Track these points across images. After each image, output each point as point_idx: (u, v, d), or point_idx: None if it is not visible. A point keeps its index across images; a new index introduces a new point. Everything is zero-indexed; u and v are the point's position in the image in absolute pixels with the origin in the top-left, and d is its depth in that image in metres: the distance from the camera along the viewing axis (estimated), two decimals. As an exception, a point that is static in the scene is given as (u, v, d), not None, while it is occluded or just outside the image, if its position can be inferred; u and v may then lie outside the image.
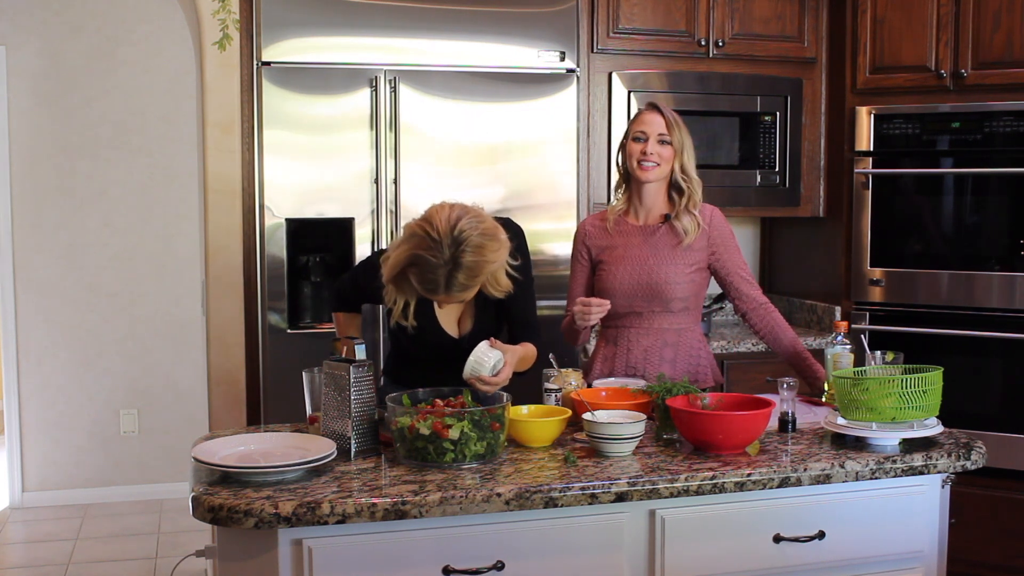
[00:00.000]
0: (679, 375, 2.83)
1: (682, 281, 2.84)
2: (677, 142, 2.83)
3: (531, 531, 2.07)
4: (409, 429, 2.15)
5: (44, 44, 5.12)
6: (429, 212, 2.39)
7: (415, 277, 2.37)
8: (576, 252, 2.99)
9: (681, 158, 2.84)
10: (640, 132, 2.84)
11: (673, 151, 2.83)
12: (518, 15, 3.63)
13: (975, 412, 3.79)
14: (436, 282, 2.35)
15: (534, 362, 2.66)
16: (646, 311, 2.86)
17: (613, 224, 2.92)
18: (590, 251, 2.95)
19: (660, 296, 2.83)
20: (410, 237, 2.36)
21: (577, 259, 2.99)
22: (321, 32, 3.46)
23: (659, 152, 2.82)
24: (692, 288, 2.86)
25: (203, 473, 2.09)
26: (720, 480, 2.13)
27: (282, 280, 3.47)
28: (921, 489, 2.33)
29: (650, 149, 2.81)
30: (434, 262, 2.32)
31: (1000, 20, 3.72)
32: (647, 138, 2.82)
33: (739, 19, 4.03)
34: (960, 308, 3.81)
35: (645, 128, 2.83)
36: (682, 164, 2.84)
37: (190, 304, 5.28)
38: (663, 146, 2.82)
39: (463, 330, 2.65)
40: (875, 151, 3.93)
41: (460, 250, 2.32)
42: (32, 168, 5.15)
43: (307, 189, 3.47)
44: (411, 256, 2.35)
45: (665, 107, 2.89)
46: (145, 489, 5.31)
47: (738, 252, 2.93)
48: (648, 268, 2.84)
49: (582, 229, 2.99)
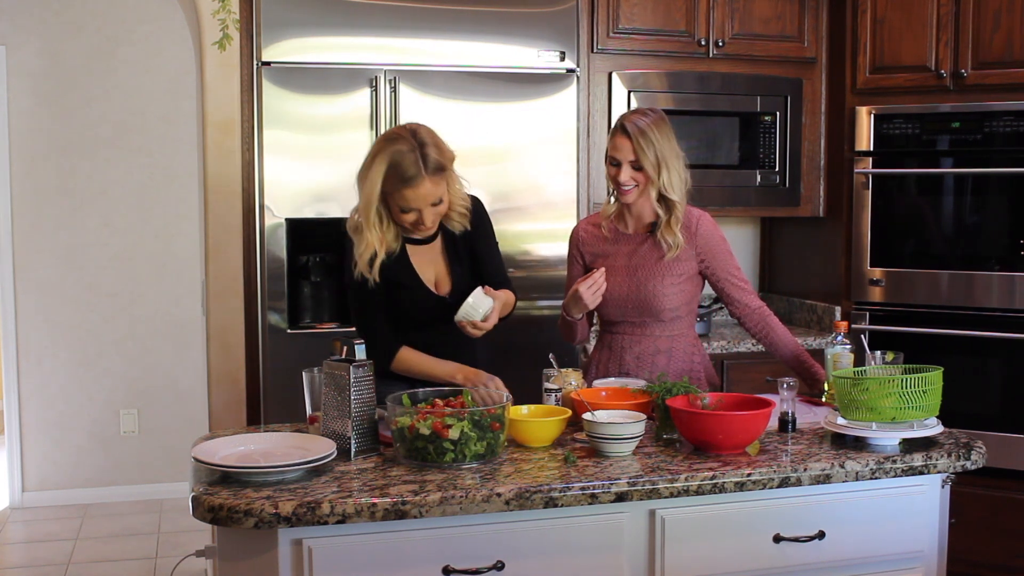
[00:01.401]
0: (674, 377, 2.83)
1: (670, 292, 2.81)
2: (651, 164, 2.71)
3: (531, 531, 2.07)
4: (409, 429, 2.15)
5: (44, 44, 5.12)
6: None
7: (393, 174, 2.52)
8: (571, 255, 2.99)
9: (659, 181, 2.73)
10: (613, 158, 2.78)
11: (646, 176, 2.74)
12: (518, 15, 3.63)
13: (975, 412, 3.79)
14: (414, 165, 2.51)
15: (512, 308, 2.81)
16: (637, 320, 2.86)
17: (607, 230, 2.90)
18: (583, 256, 2.95)
19: (649, 307, 2.82)
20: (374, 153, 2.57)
21: (572, 262, 2.99)
22: (321, 32, 3.46)
23: (634, 177, 2.75)
24: (683, 297, 2.84)
25: (203, 473, 2.09)
26: (720, 480, 2.13)
27: (282, 280, 3.47)
28: (921, 489, 2.33)
29: (623, 178, 2.75)
30: (404, 148, 2.52)
31: (1000, 20, 3.72)
32: (620, 164, 2.76)
33: (739, 19, 4.03)
34: (960, 308, 3.81)
35: (617, 155, 2.76)
36: (660, 186, 2.74)
37: (190, 304, 5.28)
38: (637, 171, 2.75)
39: (442, 290, 2.73)
40: (875, 151, 3.93)
41: (417, 132, 2.58)
42: (32, 168, 5.15)
43: (307, 189, 3.47)
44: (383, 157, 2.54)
45: (636, 122, 2.74)
46: (145, 489, 5.32)
47: (729, 257, 2.87)
48: (637, 280, 2.82)
49: (576, 234, 2.98)
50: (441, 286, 2.74)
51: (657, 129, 2.73)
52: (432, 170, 2.53)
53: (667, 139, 2.75)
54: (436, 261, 2.75)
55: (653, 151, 2.72)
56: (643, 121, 2.74)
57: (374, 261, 2.61)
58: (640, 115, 2.77)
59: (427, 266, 2.73)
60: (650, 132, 2.72)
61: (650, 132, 2.72)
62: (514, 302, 2.82)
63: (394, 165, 2.52)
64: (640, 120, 2.74)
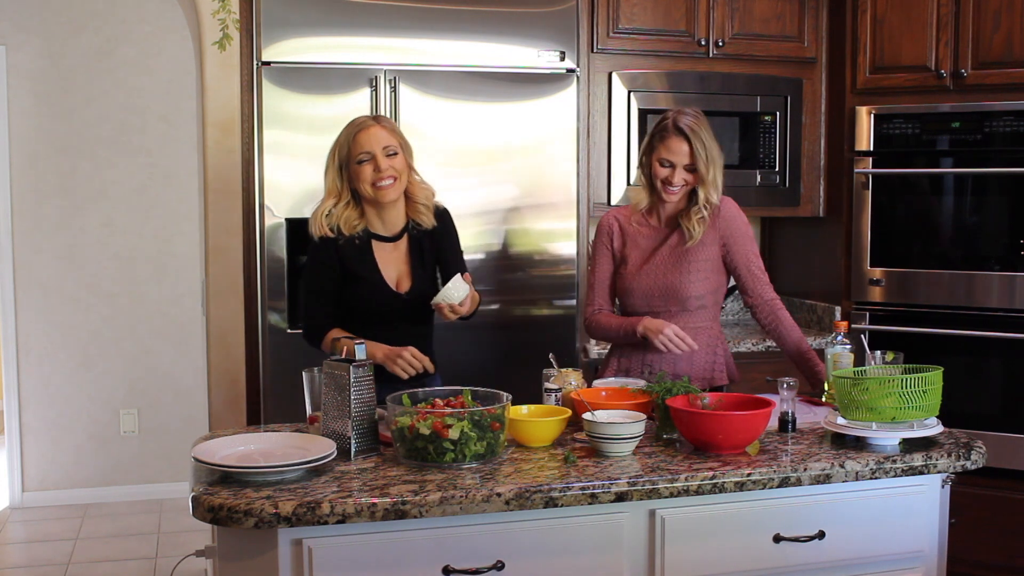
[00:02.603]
0: (696, 372, 2.86)
1: (696, 280, 2.85)
2: (704, 165, 2.78)
3: (531, 531, 2.07)
4: (409, 429, 2.15)
5: (44, 44, 5.12)
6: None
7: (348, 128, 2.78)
8: (600, 244, 2.98)
9: (707, 182, 2.80)
10: (667, 160, 2.80)
11: (697, 177, 2.81)
12: (518, 15, 3.63)
13: (975, 412, 3.79)
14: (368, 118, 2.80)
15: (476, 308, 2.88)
16: (663, 310, 2.87)
17: (635, 223, 2.93)
18: (614, 245, 2.95)
19: (675, 295, 2.84)
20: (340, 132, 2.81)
21: (602, 252, 2.98)
22: (321, 32, 3.46)
23: (685, 178, 2.81)
24: (708, 286, 2.87)
25: (203, 473, 2.09)
26: (720, 480, 2.13)
27: (282, 280, 3.47)
28: (921, 489, 2.33)
29: (676, 179, 2.80)
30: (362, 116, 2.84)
31: (1000, 20, 3.72)
32: (673, 166, 2.79)
33: (739, 19, 4.03)
34: (960, 308, 3.81)
35: (672, 158, 2.79)
36: (707, 192, 2.81)
37: (190, 304, 5.28)
38: (690, 173, 2.80)
39: (403, 289, 2.83)
40: (875, 151, 3.92)
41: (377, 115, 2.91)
42: (32, 168, 5.15)
43: (307, 189, 3.47)
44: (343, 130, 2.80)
45: (690, 123, 2.78)
46: (145, 489, 5.32)
47: (751, 244, 2.91)
48: (665, 268, 2.85)
49: (608, 224, 2.98)
50: (402, 285, 2.84)
51: (705, 128, 2.80)
52: (385, 122, 2.80)
53: (711, 137, 2.82)
54: (400, 260, 2.85)
55: (705, 151, 2.77)
56: (694, 121, 2.79)
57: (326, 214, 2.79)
58: (689, 116, 2.81)
59: (390, 264, 2.84)
60: (701, 132, 2.78)
61: (701, 132, 2.78)
62: (479, 301, 2.92)
63: (350, 123, 2.80)
64: (691, 120, 2.79)
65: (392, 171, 2.75)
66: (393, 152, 2.76)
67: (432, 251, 2.89)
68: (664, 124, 2.82)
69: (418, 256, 2.86)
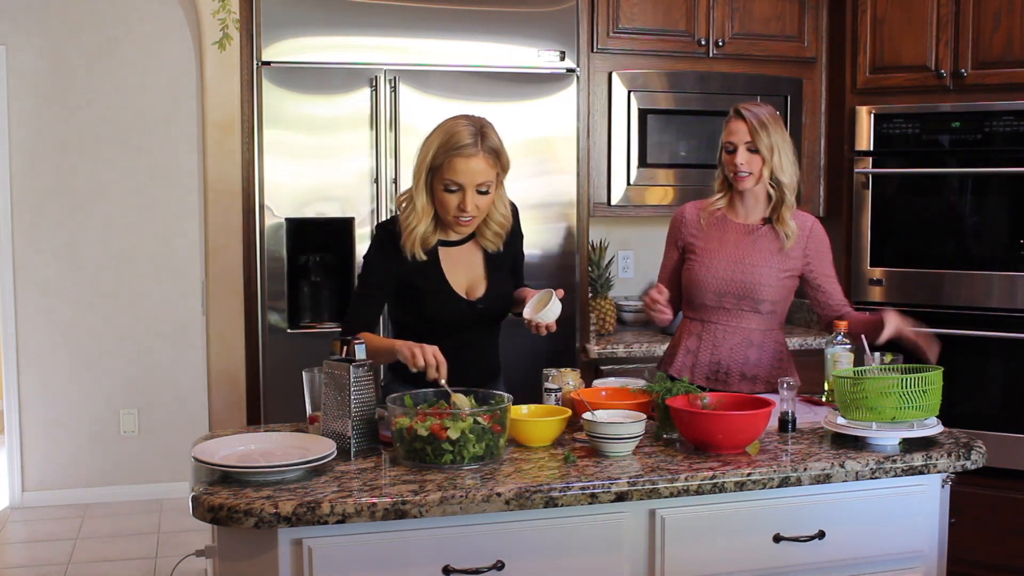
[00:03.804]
0: (764, 375, 2.85)
1: (775, 284, 2.84)
2: (765, 147, 2.78)
3: (531, 531, 2.07)
4: (407, 430, 2.15)
5: (44, 44, 5.12)
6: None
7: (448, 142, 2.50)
8: (669, 239, 3.00)
9: (771, 164, 2.80)
10: (729, 143, 2.82)
11: (761, 159, 2.80)
12: (518, 15, 3.63)
13: (975, 412, 3.78)
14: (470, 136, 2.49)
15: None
16: (734, 308, 2.85)
17: (708, 219, 2.91)
18: (684, 237, 2.94)
19: (751, 296, 2.83)
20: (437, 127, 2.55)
21: (669, 245, 3.00)
22: (321, 32, 3.46)
23: (750, 161, 2.80)
24: (782, 292, 2.87)
25: (203, 473, 2.09)
26: (720, 480, 2.13)
27: (282, 280, 3.47)
28: (921, 489, 2.33)
29: (740, 160, 2.79)
30: (464, 123, 2.53)
31: (1000, 20, 3.72)
32: (736, 148, 2.80)
33: (739, 19, 4.03)
34: (960, 308, 3.81)
35: (733, 139, 2.81)
36: (772, 170, 2.80)
37: (190, 304, 5.28)
38: (752, 155, 2.80)
39: (475, 295, 2.65)
40: (875, 151, 3.92)
41: (483, 119, 2.57)
42: (32, 168, 5.15)
43: (307, 189, 3.47)
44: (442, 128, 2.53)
45: (751, 108, 2.82)
46: (145, 489, 5.32)
47: (831, 263, 2.93)
48: (744, 267, 2.84)
49: (682, 216, 2.97)
50: (474, 291, 2.66)
51: (772, 118, 2.82)
52: (488, 149, 2.52)
53: (781, 129, 2.83)
54: (473, 264, 2.68)
55: (767, 134, 2.79)
56: (758, 109, 2.83)
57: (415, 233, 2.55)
58: (753, 105, 2.87)
59: (459, 270, 2.65)
60: (765, 119, 2.80)
61: (765, 119, 2.80)
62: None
63: (451, 134, 2.51)
64: (754, 108, 2.83)
65: (476, 210, 2.54)
66: (485, 191, 2.53)
67: (508, 253, 2.72)
68: (730, 113, 2.87)
69: (493, 259, 2.67)
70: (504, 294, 2.70)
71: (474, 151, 2.49)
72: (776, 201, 2.85)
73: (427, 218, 2.56)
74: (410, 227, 2.56)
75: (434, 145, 2.52)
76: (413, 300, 2.63)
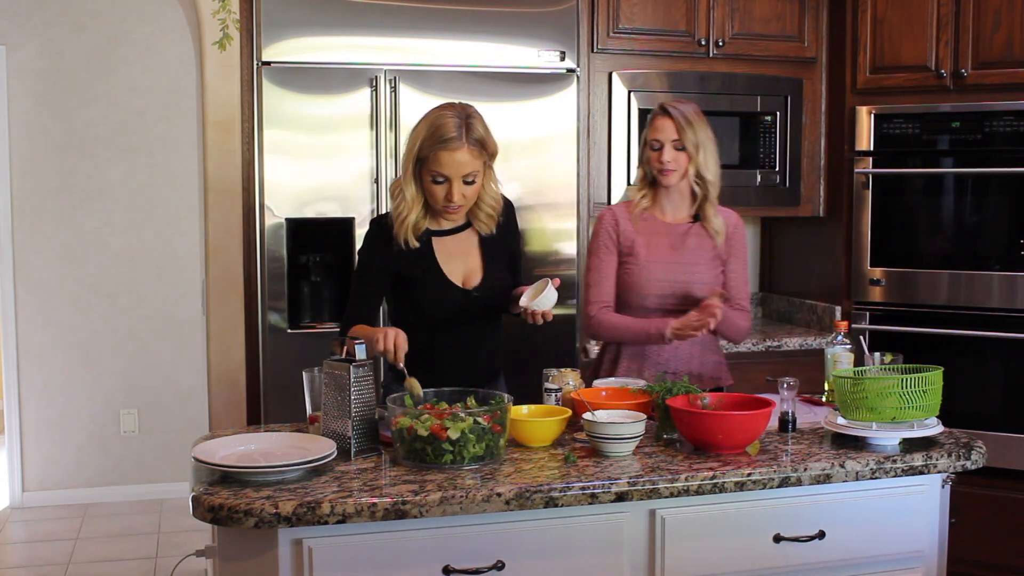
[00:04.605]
0: (710, 372, 2.88)
1: (711, 281, 2.87)
2: (691, 144, 2.81)
3: (531, 531, 2.07)
4: (408, 430, 2.15)
5: (44, 44, 5.12)
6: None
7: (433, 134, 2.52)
8: (602, 242, 2.93)
9: (696, 161, 2.83)
10: (655, 140, 2.84)
11: (687, 156, 2.82)
12: (518, 15, 3.63)
13: (975, 412, 3.78)
14: (456, 129, 2.50)
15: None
16: (676, 309, 2.85)
17: (639, 220, 2.91)
18: (619, 241, 2.91)
19: (692, 295, 2.84)
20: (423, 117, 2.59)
21: (605, 248, 2.92)
22: (321, 32, 3.46)
23: (675, 158, 2.82)
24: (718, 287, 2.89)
25: (203, 473, 2.09)
26: (720, 480, 2.13)
27: (282, 280, 3.47)
28: (921, 489, 2.33)
29: (666, 157, 2.82)
30: (449, 113, 2.54)
31: (1000, 20, 3.72)
32: (662, 146, 2.82)
33: (739, 19, 4.02)
34: (960, 308, 3.81)
35: (659, 136, 2.83)
36: (697, 167, 2.83)
37: (190, 304, 5.28)
38: (679, 152, 2.82)
39: (471, 284, 2.67)
40: (875, 151, 3.92)
41: (468, 107, 2.58)
42: (32, 168, 5.15)
43: (307, 189, 3.47)
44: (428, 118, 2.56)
45: (677, 106, 2.85)
46: (145, 489, 5.32)
47: (745, 267, 2.95)
48: (682, 267, 2.86)
49: (611, 218, 2.94)
50: (470, 280, 2.67)
51: (698, 116, 2.85)
52: (473, 141, 2.53)
53: (705, 127, 2.86)
54: (468, 254, 2.69)
55: (694, 132, 2.82)
56: (683, 107, 2.86)
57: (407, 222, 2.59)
58: (678, 102, 2.90)
59: (455, 259, 2.67)
60: (691, 117, 2.83)
61: (691, 117, 2.83)
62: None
63: (436, 126, 2.53)
64: (680, 106, 2.86)
65: (463, 199, 2.57)
66: (471, 181, 2.55)
67: (503, 244, 2.74)
68: (655, 110, 2.90)
69: (489, 248, 2.70)
70: (501, 285, 2.70)
71: (459, 144, 2.51)
72: (700, 198, 2.88)
73: (417, 206, 2.60)
74: (401, 216, 2.60)
75: (420, 136, 2.55)
76: (409, 293, 2.64)
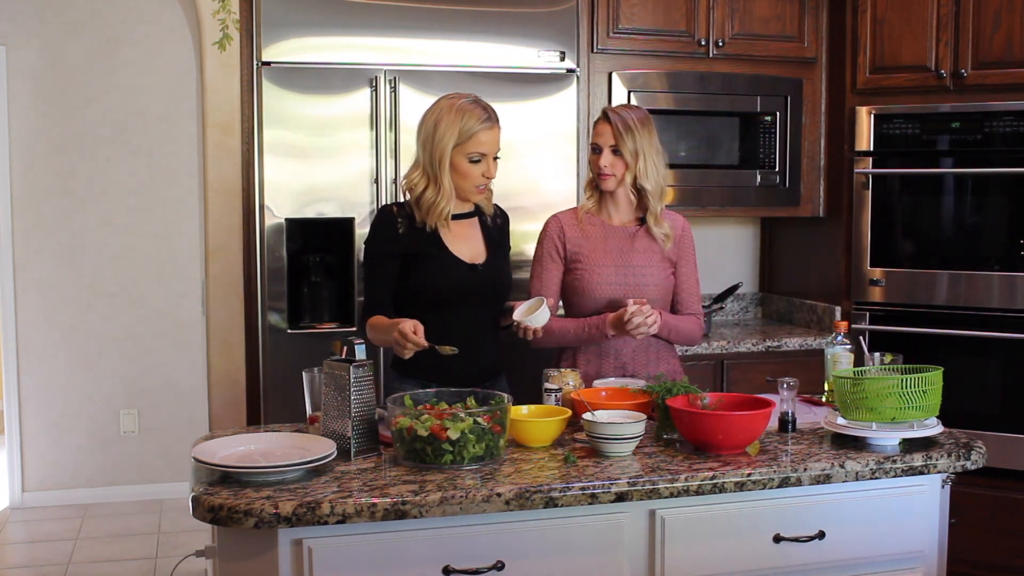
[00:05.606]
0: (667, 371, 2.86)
1: (660, 283, 2.87)
2: (629, 152, 2.79)
3: (531, 531, 2.07)
4: (407, 430, 2.15)
5: (44, 44, 5.12)
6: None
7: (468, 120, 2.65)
8: (547, 250, 2.92)
9: (634, 168, 2.80)
10: (595, 144, 2.85)
11: (624, 163, 2.81)
12: (518, 15, 3.63)
13: (975, 412, 3.79)
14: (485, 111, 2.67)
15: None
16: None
17: (586, 223, 2.90)
18: (566, 248, 2.90)
19: (643, 297, 2.81)
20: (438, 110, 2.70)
21: (549, 256, 2.91)
22: (321, 32, 3.46)
23: (613, 164, 2.81)
24: (669, 290, 2.91)
25: (203, 473, 2.09)
26: (720, 480, 2.13)
27: (282, 280, 3.47)
28: (921, 489, 2.33)
29: (603, 162, 2.81)
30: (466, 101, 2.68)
31: (1000, 20, 3.72)
32: (601, 150, 2.82)
33: (739, 19, 4.02)
34: (960, 308, 3.81)
35: (598, 140, 2.84)
36: (635, 174, 2.81)
37: (190, 304, 5.28)
38: (616, 157, 2.81)
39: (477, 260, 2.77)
40: (875, 151, 3.92)
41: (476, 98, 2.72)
42: (32, 168, 5.15)
43: (307, 189, 3.47)
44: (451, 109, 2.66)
45: (620, 112, 2.83)
46: (145, 489, 5.32)
47: (695, 271, 2.95)
48: (630, 270, 2.85)
49: (556, 225, 2.93)
50: (475, 260, 2.78)
51: (639, 123, 2.82)
52: (497, 119, 2.71)
53: (648, 134, 2.83)
54: (473, 238, 2.80)
55: (633, 139, 2.79)
56: (626, 113, 2.83)
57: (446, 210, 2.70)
58: (623, 108, 2.87)
59: (461, 240, 2.77)
60: (632, 123, 2.80)
61: (632, 123, 2.80)
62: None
63: (465, 111, 2.66)
64: (623, 112, 2.84)
65: (494, 175, 2.74)
66: (498, 156, 2.74)
67: (500, 242, 2.88)
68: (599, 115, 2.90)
69: (490, 238, 2.84)
70: (503, 270, 2.83)
71: (494, 122, 2.70)
72: (639, 206, 2.88)
73: (454, 196, 2.71)
74: (437, 207, 2.69)
75: (454, 127, 2.66)
76: (418, 272, 2.71)
